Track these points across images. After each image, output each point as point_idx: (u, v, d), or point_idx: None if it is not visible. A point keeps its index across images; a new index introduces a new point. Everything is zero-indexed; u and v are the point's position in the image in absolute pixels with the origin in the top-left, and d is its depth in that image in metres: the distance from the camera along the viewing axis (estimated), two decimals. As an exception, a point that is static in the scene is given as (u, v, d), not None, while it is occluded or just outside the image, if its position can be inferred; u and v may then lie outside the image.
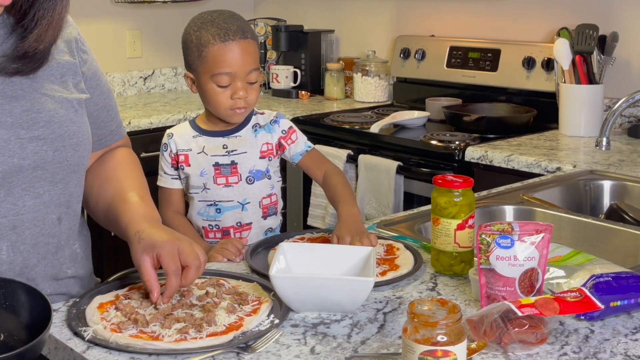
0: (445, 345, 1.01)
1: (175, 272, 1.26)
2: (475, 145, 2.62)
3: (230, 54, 1.70)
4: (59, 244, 1.37)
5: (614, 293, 1.24)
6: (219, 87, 1.72)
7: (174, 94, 3.90)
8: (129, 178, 1.48)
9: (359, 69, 3.64)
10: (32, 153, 1.29)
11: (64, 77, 1.38)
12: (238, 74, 1.72)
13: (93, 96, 1.45)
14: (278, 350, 1.17)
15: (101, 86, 1.48)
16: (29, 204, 1.30)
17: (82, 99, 1.40)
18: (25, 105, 1.29)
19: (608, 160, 2.40)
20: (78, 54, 1.42)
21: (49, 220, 1.34)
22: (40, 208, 1.32)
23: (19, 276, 1.31)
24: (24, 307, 1.14)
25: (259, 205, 1.80)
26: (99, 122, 1.48)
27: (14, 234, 1.29)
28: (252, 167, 1.79)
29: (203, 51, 1.71)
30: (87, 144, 1.40)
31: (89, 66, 1.45)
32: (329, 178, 1.80)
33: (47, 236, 1.34)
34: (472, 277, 1.36)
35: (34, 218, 1.31)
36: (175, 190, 1.83)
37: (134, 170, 1.52)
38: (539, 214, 1.93)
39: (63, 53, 1.39)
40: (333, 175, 1.80)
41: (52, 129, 1.31)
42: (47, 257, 1.35)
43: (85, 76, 1.43)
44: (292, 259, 1.40)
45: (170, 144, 1.81)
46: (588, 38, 2.76)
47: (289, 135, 1.83)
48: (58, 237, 1.37)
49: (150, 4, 3.85)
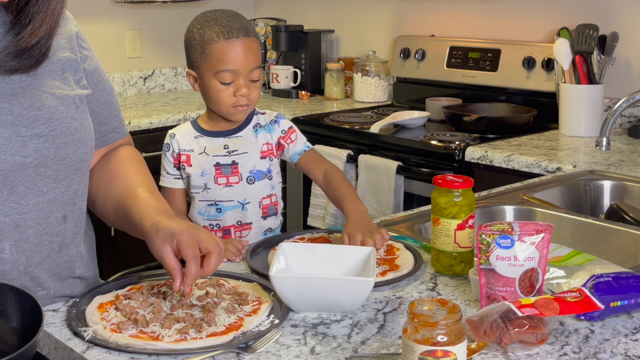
0: (445, 346, 1.01)
1: (194, 259, 1.26)
2: (475, 145, 2.62)
3: (234, 51, 1.71)
4: (63, 242, 1.37)
5: (614, 293, 1.24)
6: (222, 84, 1.73)
7: (174, 94, 3.90)
8: (137, 174, 1.48)
9: (359, 69, 3.64)
10: (33, 150, 1.29)
11: (65, 74, 1.37)
12: (241, 72, 1.72)
13: (95, 92, 1.45)
14: (278, 350, 1.17)
15: (103, 82, 1.48)
16: (32, 202, 1.30)
17: (83, 95, 1.40)
18: (25, 102, 1.29)
19: (608, 160, 2.40)
20: (79, 50, 1.42)
21: (53, 219, 1.34)
22: (44, 206, 1.32)
23: (23, 275, 1.31)
24: (15, 311, 1.12)
25: (259, 206, 1.81)
26: (100, 119, 1.48)
27: (17, 232, 1.29)
28: (253, 168, 1.79)
29: (206, 48, 1.72)
30: (90, 140, 1.40)
31: (90, 62, 1.45)
32: (330, 178, 1.78)
33: (50, 234, 1.34)
34: (472, 277, 1.36)
35: (37, 217, 1.31)
36: (177, 190, 1.83)
37: (141, 167, 1.52)
38: (539, 214, 1.93)
39: (64, 49, 1.39)
40: (334, 175, 1.79)
41: (53, 126, 1.31)
42: (51, 255, 1.35)
43: (86, 72, 1.43)
44: (292, 259, 1.40)
45: (172, 144, 1.82)
46: (588, 38, 2.76)
47: (289, 135, 1.83)
48: (62, 236, 1.36)
49: (150, 4, 3.85)
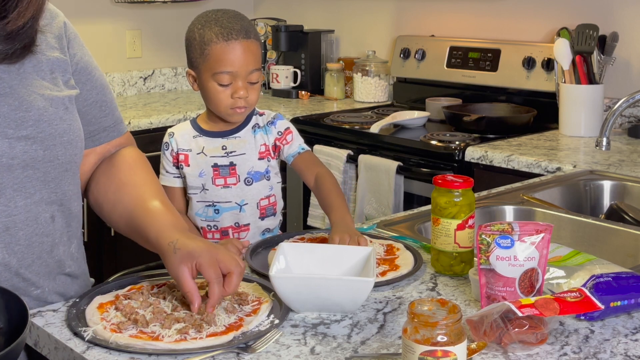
0: (445, 346, 1.01)
1: (217, 280, 1.25)
2: (475, 145, 2.62)
3: (233, 53, 1.70)
4: (53, 242, 1.36)
5: (614, 293, 1.24)
6: (220, 85, 1.73)
7: (174, 94, 3.90)
8: (146, 183, 1.46)
9: (359, 69, 3.64)
10: (21, 152, 1.27)
11: (54, 74, 1.35)
12: (239, 74, 1.72)
13: (82, 91, 1.42)
14: (278, 350, 1.17)
15: (92, 81, 1.45)
16: (21, 204, 1.29)
17: (72, 96, 1.38)
18: (13, 103, 1.27)
19: (608, 160, 2.40)
20: (68, 50, 1.40)
21: (42, 220, 1.33)
22: (32, 208, 1.30)
23: (15, 277, 1.30)
24: (2, 311, 1.11)
25: (257, 207, 1.80)
26: (89, 118, 1.45)
27: (7, 235, 1.28)
28: (251, 169, 1.79)
29: (205, 49, 1.72)
30: (79, 141, 1.38)
31: (78, 60, 1.42)
32: (320, 183, 1.74)
33: (40, 235, 1.33)
34: (472, 277, 1.36)
35: (26, 218, 1.30)
36: (177, 189, 1.84)
37: (149, 174, 1.49)
38: (539, 214, 1.93)
39: (53, 49, 1.36)
40: (324, 181, 1.74)
41: (41, 128, 1.29)
42: (43, 256, 1.34)
43: (74, 70, 1.41)
44: (292, 259, 1.40)
45: (171, 143, 1.82)
46: (588, 38, 2.76)
47: (284, 137, 1.82)
48: (52, 236, 1.36)
49: (150, 4, 3.85)
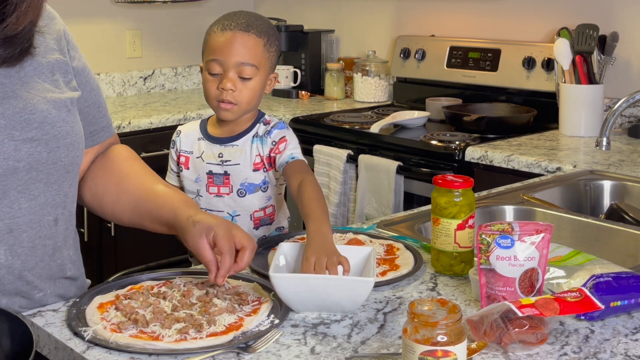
0: (445, 346, 1.01)
1: (230, 252, 1.32)
2: (475, 145, 2.62)
3: (223, 41, 1.69)
4: (55, 245, 1.36)
5: (614, 293, 1.24)
6: (210, 74, 1.72)
7: (174, 94, 3.89)
8: (147, 172, 1.52)
9: (359, 69, 3.64)
10: (26, 155, 1.28)
11: (55, 76, 1.36)
12: (227, 63, 1.69)
13: (83, 92, 1.44)
14: (278, 350, 1.17)
15: (90, 82, 1.48)
16: (25, 206, 1.29)
17: (74, 98, 1.39)
18: (17, 106, 1.28)
19: (608, 160, 2.40)
20: (68, 52, 1.41)
21: (45, 222, 1.33)
22: (36, 210, 1.31)
23: (18, 280, 1.31)
24: (6, 335, 1.11)
25: (250, 218, 1.76)
26: (90, 119, 1.47)
27: (11, 237, 1.28)
28: (244, 180, 1.74)
29: (206, 39, 1.74)
30: (80, 143, 1.39)
31: (77, 62, 1.44)
32: (302, 191, 1.61)
33: (44, 238, 1.33)
34: (472, 277, 1.36)
35: (30, 220, 1.30)
36: (182, 188, 1.82)
37: (145, 166, 1.55)
38: (539, 214, 1.93)
39: (53, 51, 1.37)
40: (307, 188, 1.61)
41: (45, 130, 1.30)
42: (45, 259, 1.34)
43: (74, 72, 1.42)
44: (292, 259, 1.40)
45: (177, 142, 1.81)
46: (588, 38, 2.76)
47: (277, 146, 1.74)
48: (55, 239, 1.36)
49: (150, 4, 3.85)
